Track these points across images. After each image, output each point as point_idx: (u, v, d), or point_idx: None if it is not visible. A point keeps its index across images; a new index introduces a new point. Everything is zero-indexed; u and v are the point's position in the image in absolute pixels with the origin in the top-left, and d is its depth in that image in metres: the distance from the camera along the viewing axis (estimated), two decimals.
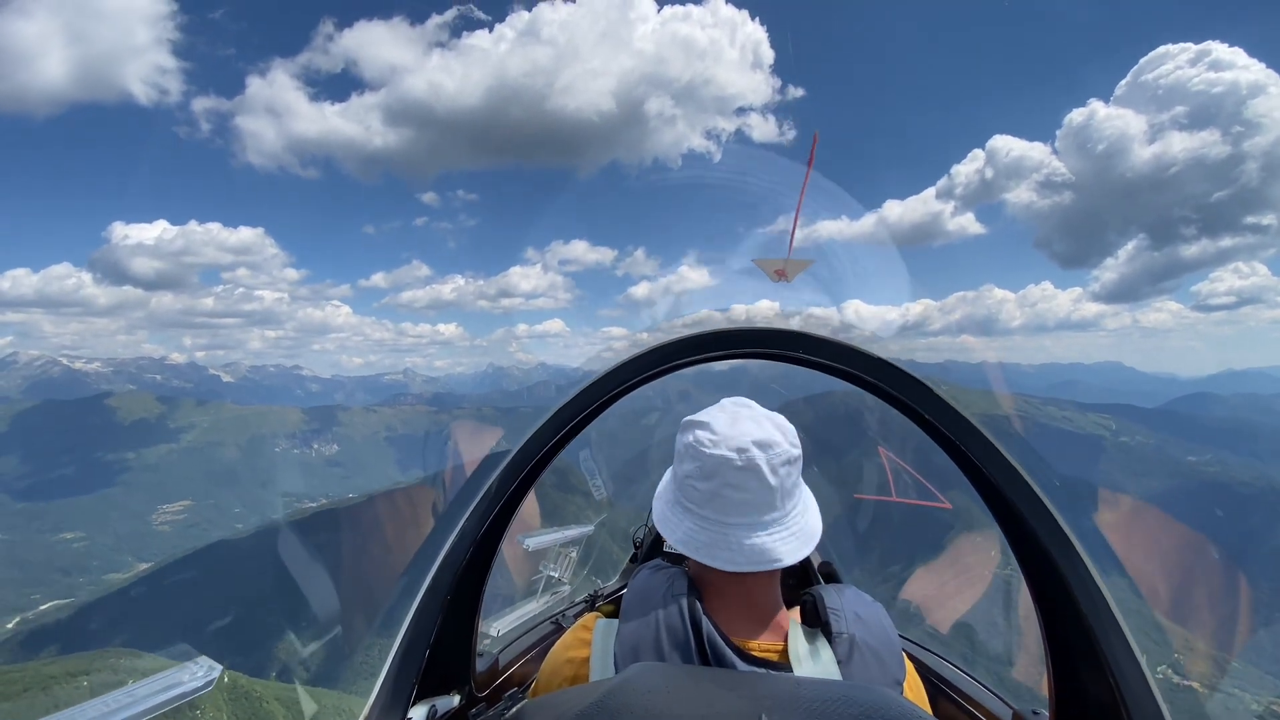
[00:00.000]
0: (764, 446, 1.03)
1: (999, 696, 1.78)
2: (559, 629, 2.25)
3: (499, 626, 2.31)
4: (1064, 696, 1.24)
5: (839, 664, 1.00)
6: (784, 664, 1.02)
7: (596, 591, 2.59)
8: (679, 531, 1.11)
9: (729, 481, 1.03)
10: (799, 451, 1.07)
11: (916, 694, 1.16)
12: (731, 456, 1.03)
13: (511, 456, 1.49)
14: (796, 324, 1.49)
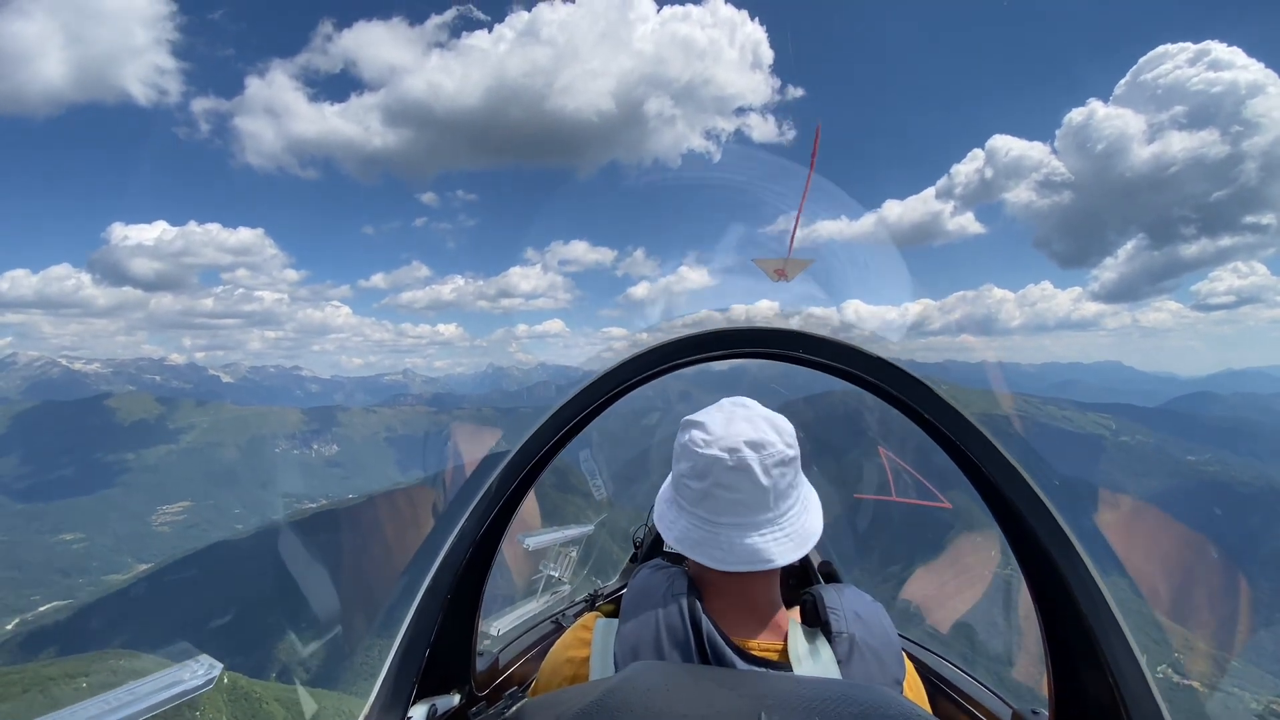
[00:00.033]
0: (757, 447, 1.03)
1: (999, 696, 1.78)
2: (559, 628, 2.25)
3: (499, 626, 2.31)
4: (1064, 696, 1.24)
5: (839, 663, 1.00)
6: (784, 663, 1.02)
7: (596, 591, 2.59)
8: (675, 530, 1.12)
9: (720, 481, 1.04)
10: (794, 452, 1.06)
11: (916, 693, 1.16)
12: (723, 457, 1.03)
13: (511, 456, 1.48)
14: (796, 324, 1.49)
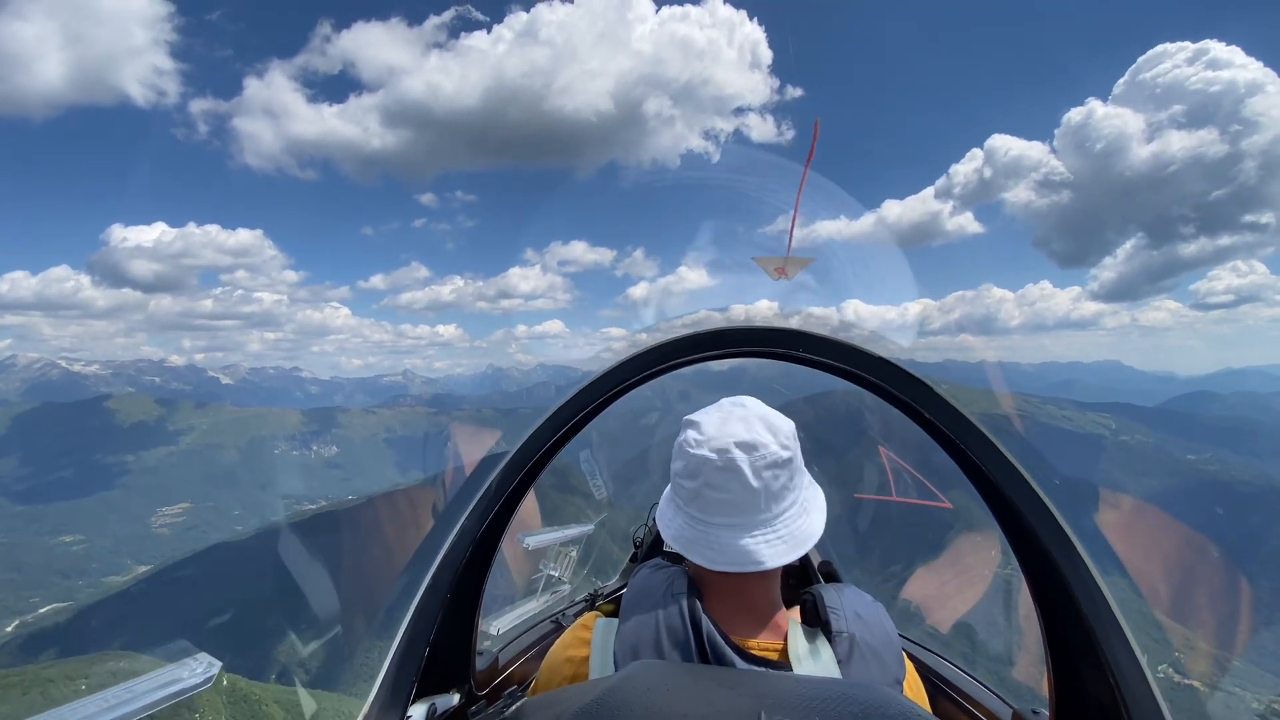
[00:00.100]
0: (748, 448, 1.02)
1: (999, 696, 1.77)
2: (559, 628, 2.24)
3: (499, 625, 2.30)
4: (1064, 696, 1.23)
5: (839, 663, 1.00)
6: (784, 663, 1.02)
7: (596, 590, 2.58)
8: (672, 528, 1.13)
9: (709, 482, 1.04)
10: (790, 454, 1.04)
11: (916, 693, 1.16)
12: (712, 457, 1.03)
13: (511, 456, 1.48)
14: (796, 323, 1.48)
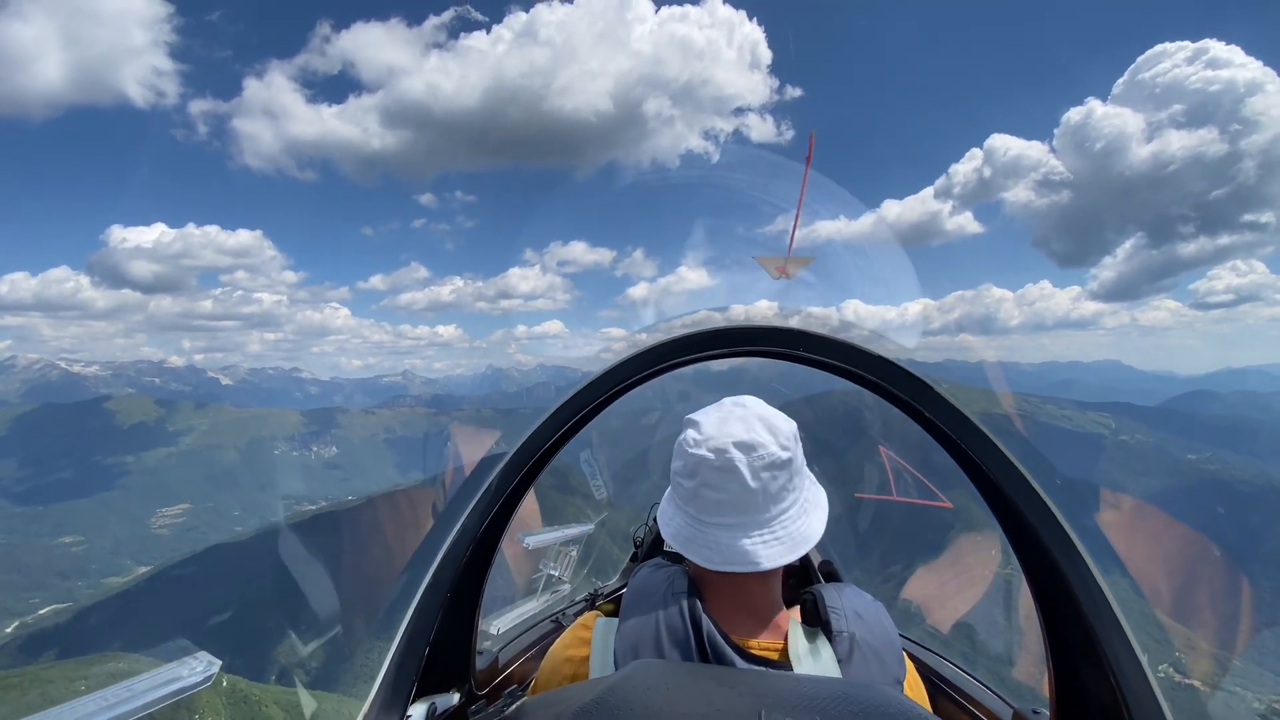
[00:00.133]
0: (746, 449, 1.01)
1: (999, 696, 1.77)
2: (559, 627, 2.24)
3: (499, 625, 2.29)
4: (1065, 695, 1.23)
5: (839, 663, 1.00)
6: (784, 663, 1.01)
7: (597, 590, 2.58)
8: (671, 526, 1.13)
9: (706, 481, 1.04)
10: (789, 455, 1.03)
11: (916, 693, 1.16)
12: (709, 457, 1.02)
13: (511, 455, 1.47)
14: (796, 323, 1.48)
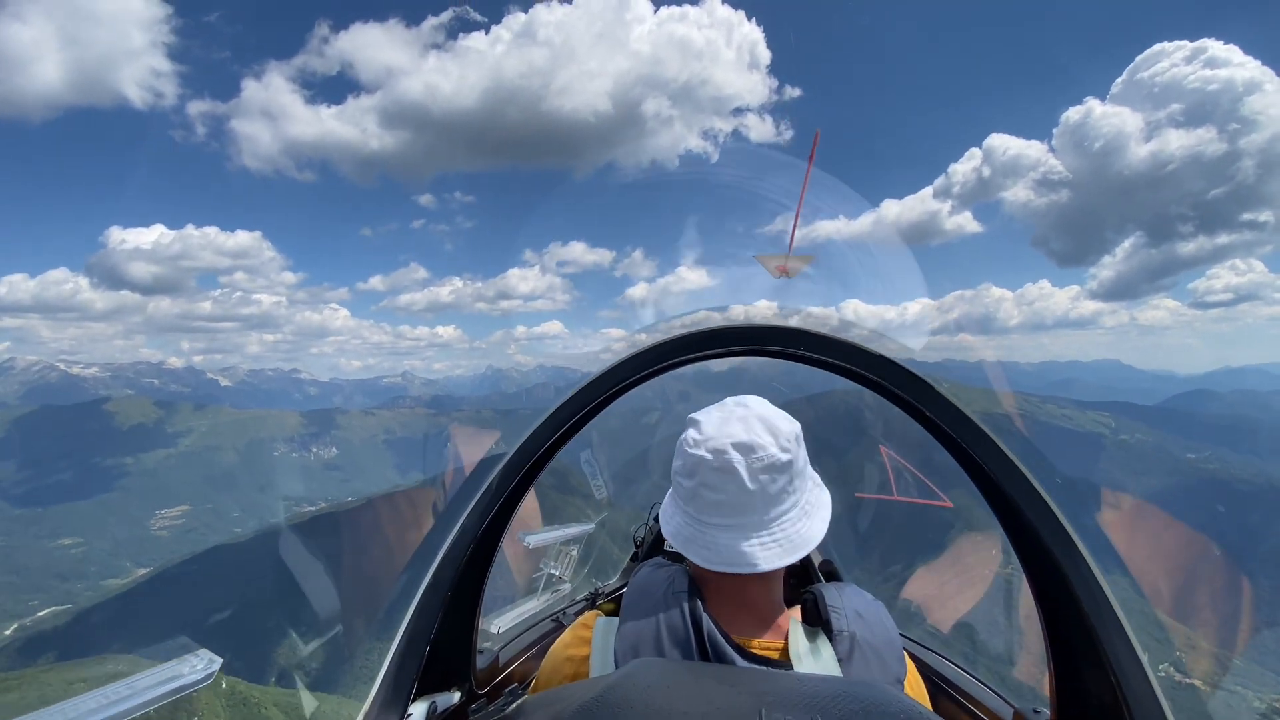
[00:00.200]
0: (745, 450, 1.01)
1: (1000, 695, 1.77)
2: (559, 627, 2.24)
3: (499, 624, 2.28)
4: (1065, 695, 1.22)
5: (839, 662, 1.00)
6: (785, 662, 1.01)
7: (597, 590, 2.58)
8: (671, 525, 1.13)
9: (705, 482, 1.03)
10: (789, 457, 1.02)
11: (917, 692, 1.16)
12: (708, 458, 1.02)
13: (511, 455, 1.47)
14: (796, 323, 1.48)
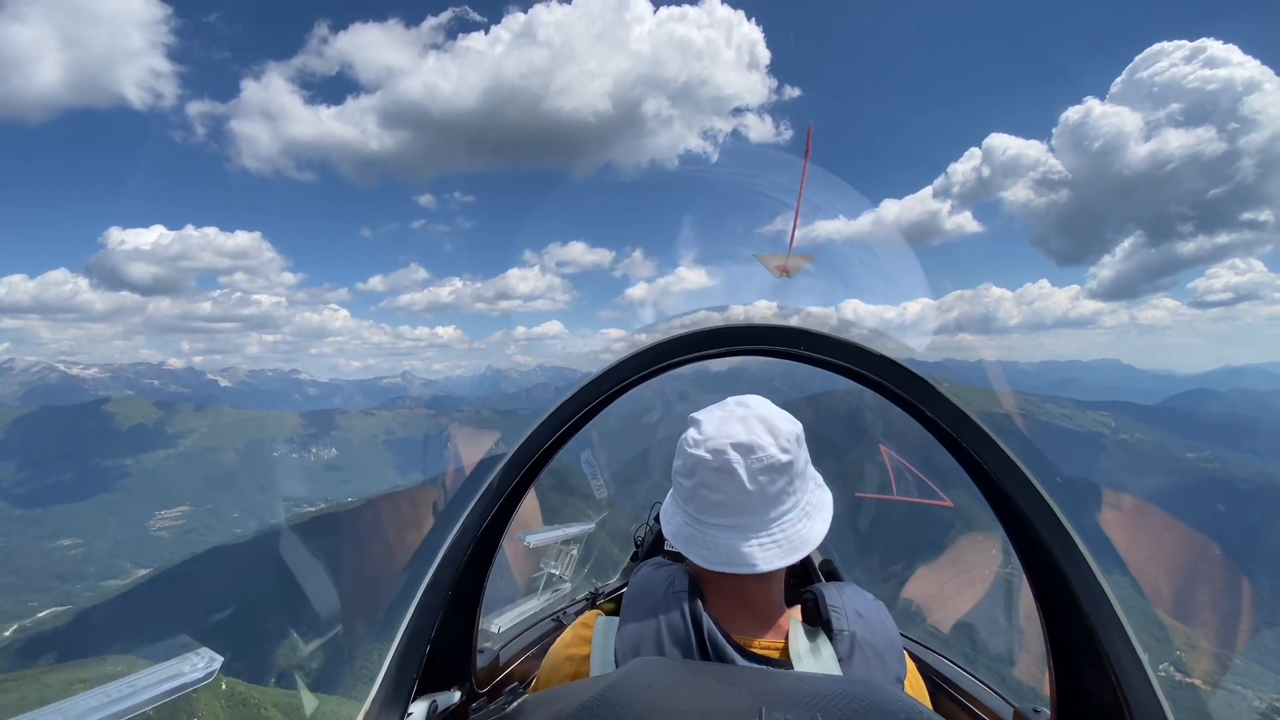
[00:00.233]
0: (744, 450, 1.00)
1: (1000, 695, 1.77)
2: (560, 626, 2.24)
3: (500, 623, 2.28)
4: (1065, 694, 1.22)
5: (840, 661, 1.00)
6: (785, 662, 1.01)
7: (597, 589, 2.58)
8: (672, 524, 1.13)
9: (704, 482, 1.03)
10: (789, 458, 1.02)
11: (917, 691, 1.16)
12: (707, 458, 1.02)
13: (511, 455, 1.47)
14: (795, 322, 1.48)
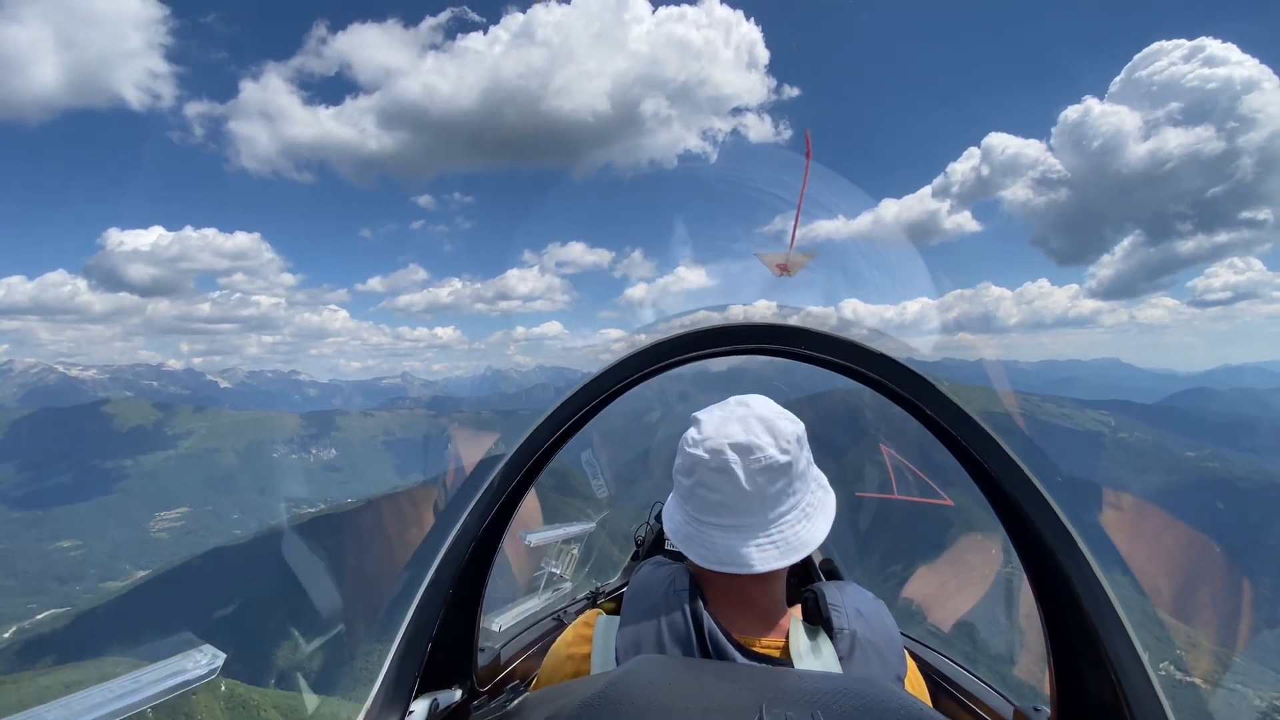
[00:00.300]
0: (743, 451, 1.00)
1: (1001, 694, 1.77)
2: (560, 625, 2.25)
3: (501, 622, 2.28)
4: (1066, 693, 1.22)
5: (840, 660, 1.00)
6: (785, 660, 1.01)
7: (598, 588, 2.59)
8: (672, 523, 1.13)
9: (702, 481, 1.03)
10: (788, 459, 1.01)
11: (918, 690, 1.16)
12: (705, 458, 1.02)
13: (511, 455, 1.47)
14: (795, 322, 1.48)
